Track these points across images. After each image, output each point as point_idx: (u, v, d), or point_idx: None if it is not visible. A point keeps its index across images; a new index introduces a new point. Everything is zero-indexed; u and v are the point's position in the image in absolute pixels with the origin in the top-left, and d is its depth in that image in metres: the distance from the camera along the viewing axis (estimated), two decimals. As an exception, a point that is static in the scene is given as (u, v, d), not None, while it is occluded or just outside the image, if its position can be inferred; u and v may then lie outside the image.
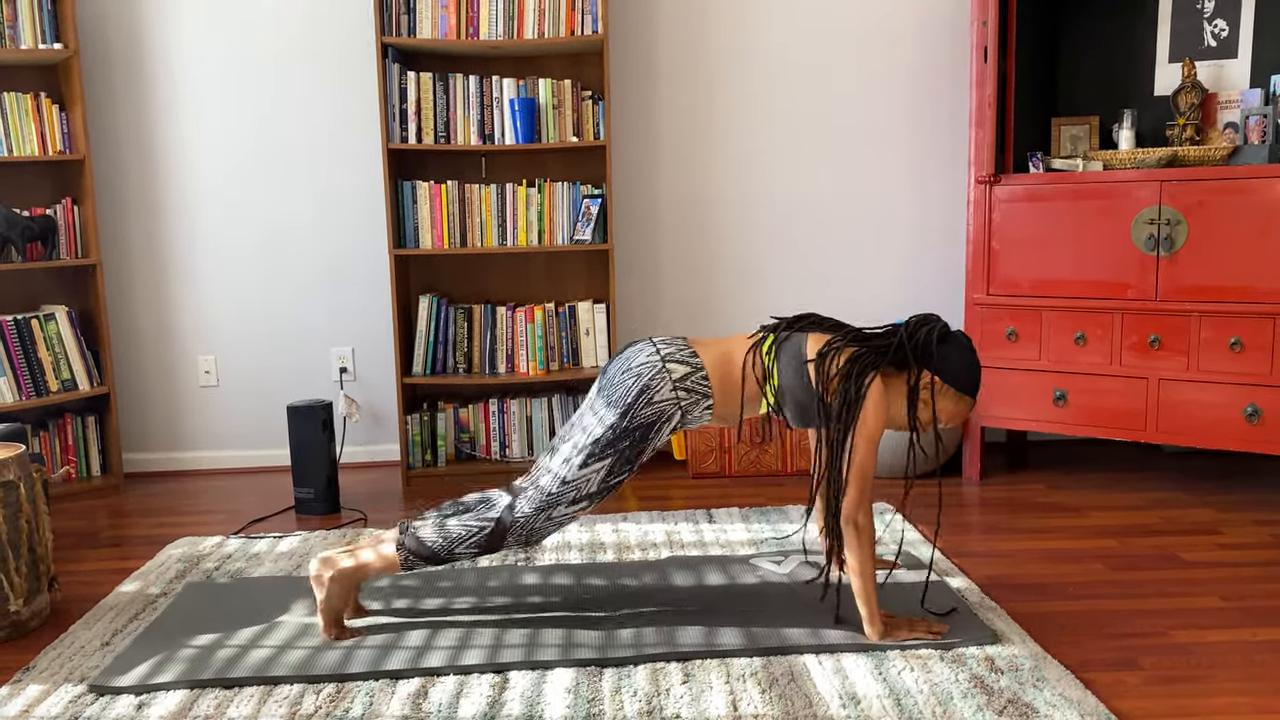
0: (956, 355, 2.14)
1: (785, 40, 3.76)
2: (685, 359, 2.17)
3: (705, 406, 2.19)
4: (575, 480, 2.15)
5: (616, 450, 2.14)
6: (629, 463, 2.16)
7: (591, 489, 2.16)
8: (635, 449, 2.15)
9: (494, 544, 2.18)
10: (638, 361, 2.17)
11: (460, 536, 2.16)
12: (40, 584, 2.41)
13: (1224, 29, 3.31)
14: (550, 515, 2.17)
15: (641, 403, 2.13)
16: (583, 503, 2.17)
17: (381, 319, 3.82)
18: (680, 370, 2.16)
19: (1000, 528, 2.97)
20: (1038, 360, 3.26)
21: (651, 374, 2.15)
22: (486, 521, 2.17)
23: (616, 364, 2.21)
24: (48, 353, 3.49)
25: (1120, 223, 3.09)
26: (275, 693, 2.02)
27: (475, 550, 2.17)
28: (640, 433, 2.14)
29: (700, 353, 2.20)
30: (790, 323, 2.24)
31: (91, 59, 3.66)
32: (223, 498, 3.51)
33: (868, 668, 2.05)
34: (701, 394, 2.17)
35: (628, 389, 2.14)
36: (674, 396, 2.15)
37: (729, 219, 3.84)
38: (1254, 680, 2.01)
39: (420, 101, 3.52)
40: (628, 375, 2.16)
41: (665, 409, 2.14)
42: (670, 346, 2.19)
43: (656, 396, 2.14)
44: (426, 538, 2.17)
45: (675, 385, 2.15)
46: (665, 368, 2.15)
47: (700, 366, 2.18)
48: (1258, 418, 2.93)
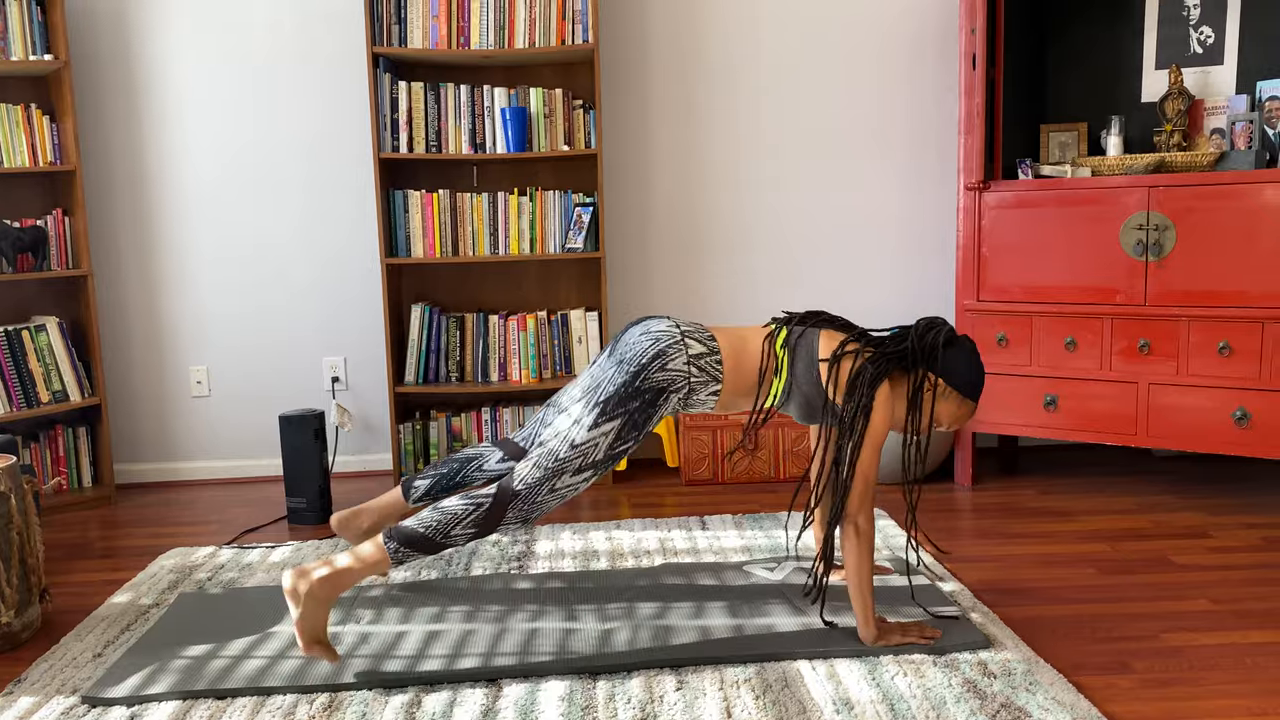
0: (962, 359, 2.16)
1: (776, 49, 3.78)
2: (703, 340, 2.18)
3: (712, 390, 2.19)
4: (584, 444, 2.10)
5: (626, 410, 2.11)
6: (637, 428, 2.13)
7: (599, 455, 2.11)
8: (644, 413, 2.13)
9: (492, 521, 2.09)
10: (657, 329, 2.17)
11: (455, 516, 2.07)
12: (31, 595, 2.40)
13: (1210, 36, 3.34)
14: (554, 485, 2.10)
15: (655, 366, 2.12)
16: (588, 472, 2.12)
17: (373, 328, 3.82)
18: (697, 348, 2.17)
19: (992, 532, 2.98)
20: (1028, 365, 3.28)
21: (669, 341, 2.15)
22: (483, 497, 2.09)
23: (635, 329, 2.20)
24: (39, 364, 3.48)
25: (1109, 228, 3.11)
26: (268, 703, 2.01)
27: (472, 530, 2.08)
28: (650, 395, 2.12)
29: (717, 337, 2.21)
30: (803, 318, 2.25)
31: (82, 70, 3.66)
32: (215, 508, 3.50)
33: (861, 673, 2.05)
34: (712, 376, 2.18)
35: (644, 350, 2.14)
36: (685, 369, 2.14)
37: (720, 226, 3.85)
38: (1245, 682, 2.02)
39: (411, 111, 3.53)
40: (645, 337, 2.16)
41: (675, 378, 2.14)
42: (690, 326, 2.21)
43: (670, 364, 2.13)
44: (421, 520, 2.08)
45: (690, 360, 2.15)
46: (683, 340, 2.16)
47: (716, 350, 2.18)
48: (1246, 421, 2.95)
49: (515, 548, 2.91)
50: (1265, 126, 3.18)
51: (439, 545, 2.09)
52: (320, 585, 2.04)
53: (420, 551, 2.08)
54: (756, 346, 2.22)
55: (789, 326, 2.24)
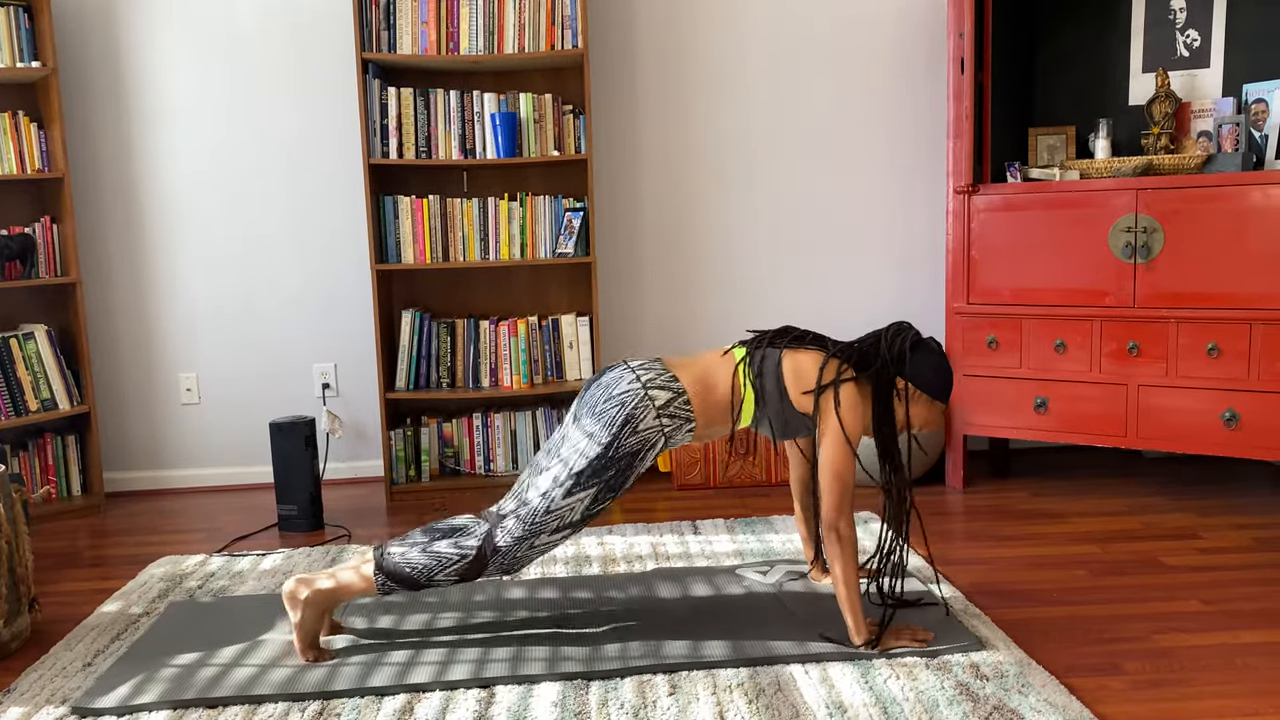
0: (929, 361, 2.17)
1: (765, 54, 3.78)
2: (666, 384, 2.16)
3: (688, 430, 2.18)
4: (559, 509, 2.13)
5: (601, 480, 2.13)
6: (613, 490, 2.15)
7: (575, 517, 2.14)
8: (619, 478, 2.14)
9: (474, 572, 2.14)
10: (619, 390, 2.15)
11: (439, 563, 2.13)
12: (21, 605, 2.39)
13: (1196, 39, 3.36)
14: (533, 544, 2.14)
15: (626, 432, 2.12)
16: (565, 531, 2.14)
17: (364, 334, 3.81)
18: (663, 396, 2.15)
19: (983, 535, 2.99)
20: (1018, 368, 3.28)
21: (635, 403, 2.13)
22: (467, 550, 2.13)
23: (597, 392, 2.18)
24: (27, 372, 3.47)
25: (1098, 231, 3.12)
26: (259, 712, 2.00)
27: (455, 578, 2.15)
28: (625, 461, 2.13)
29: (679, 375, 2.19)
30: (769, 339, 2.24)
31: (70, 77, 3.65)
32: (205, 516, 3.48)
33: (854, 676, 2.05)
34: (684, 419, 2.17)
35: (611, 418, 2.12)
36: (658, 424, 2.14)
37: (711, 231, 3.86)
38: (1236, 683, 2.03)
39: (401, 116, 3.53)
40: (610, 404, 2.14)
41: (649, 437, 2.14)
42: (650, 372, 2.17)
43: (641, 425, 2.12)
44: (409, 561, 2.14)
45: (659, 413, 2.14)
46: (648, 395, 2.14)
47: (681, 391, 2.16)
48: (1236, 422, 2.96)
49: (507, 553, 2.91)
50: (1251, 129, 3.20)
51: (422, 585, 2.16)
52: (318, 595, 2.16)
53: (404, 587, 2.16)
54: (721, 377, 2.20)
55: (751, 350, 2.22)
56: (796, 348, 2.21)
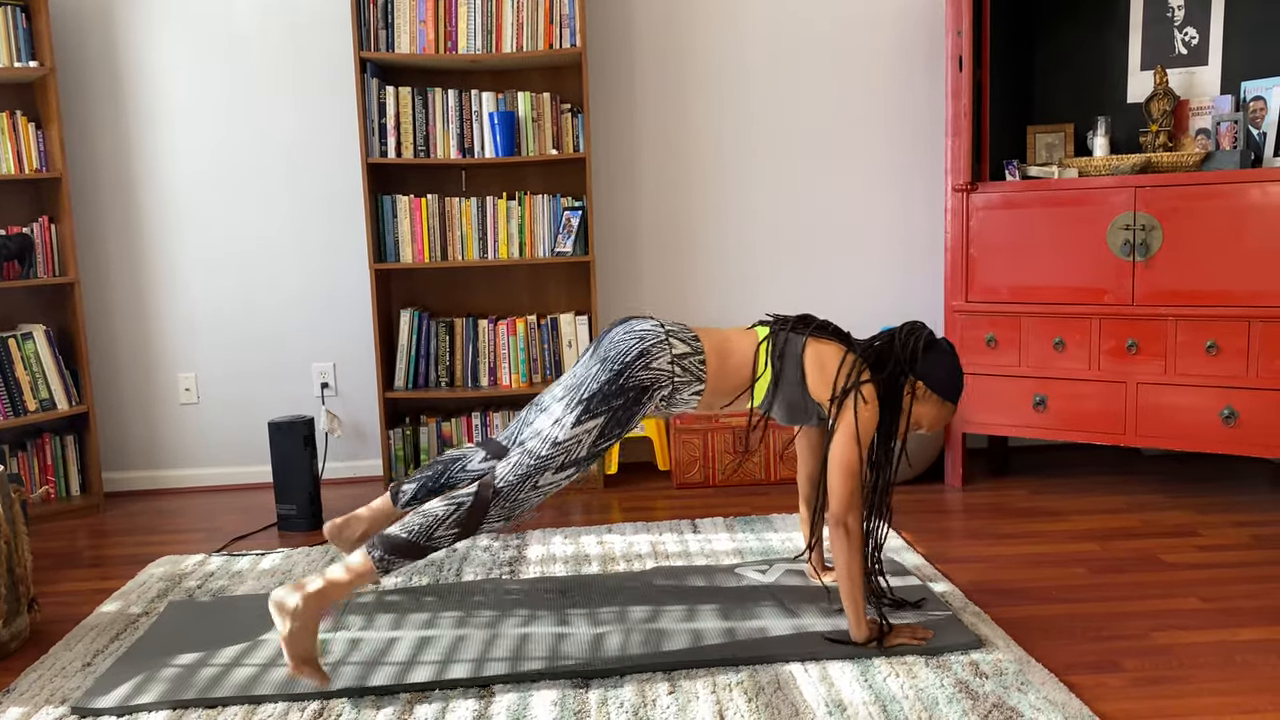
0: (942, 362, 2.18)
1: (763, 52, 3.78)
2: (687, 340, 2.19)
3: (695, 390, 2.19)
4: (566, 441, 2.09)
5: (610, 408, 2.10)
6: (620, 425, 2.12)
7: (581, 452, 2.10)
8: (627, 411, 2.12)
9: (475, 520, 2.05)
10: (641, 328, 2.18)
11: (437, 518, 2.04)
12: (20, 605, 2.39)
13: (1194, 37, 3.36)
14: (536, 482, 2.08)
15: (639, 365, 2.12)
16: (570, 469, 2.10)
17: (362, 333, 3.81)
18: (681, 348, 2.17)
19: (983, 533, 2.99)
20: (1017, 366, 3.29)
21: (653, 340, 2.15)
22: (464, 497, 2.06)
23: (619, 329, 2.20)
24: (25, 372, 3.46)
25: (1096, 229, 3.12)
26: (259, 711, 2.00)
27: (455, 530, 2.04)
28: (634, 393, 2.12)
29: (701, 338, 2.21)
30: (791, 324, 2.24)
31: (68, 77, 3.64)
32: (204, 515, 3.48)
33: (853, 675, 2.06)
34: (695, 376, 2.18)
35: (628, 348, 2.13)
36: (670, 369, 2.14)
37: (709, 229, 3.86)
38: (1235, 680, 2.03)
39: (399, 116, 3.52)
40: (629, 336, 2.16)
41: (659, 377, 2.13)
42: (675, 326, 2.21)
43: (654, 362, 2.13)
44: (402, 528, 2.04)
45: (674, 359, 2.15)
46: (668, 340, 2.16)
47: (700, 350, 2.19)
48: (1234, 420, 2.96)
49: (506, 553, 2.91)
50: (1250, 126, 3.20)
51: (424, 549, 2.04)
52: (308, 600, 1.99)
53: (406, 557, 2.04)
54: (740, 348, 2.22)
55: (775, 330, 2.24)
56: (820, 337, 2.22)
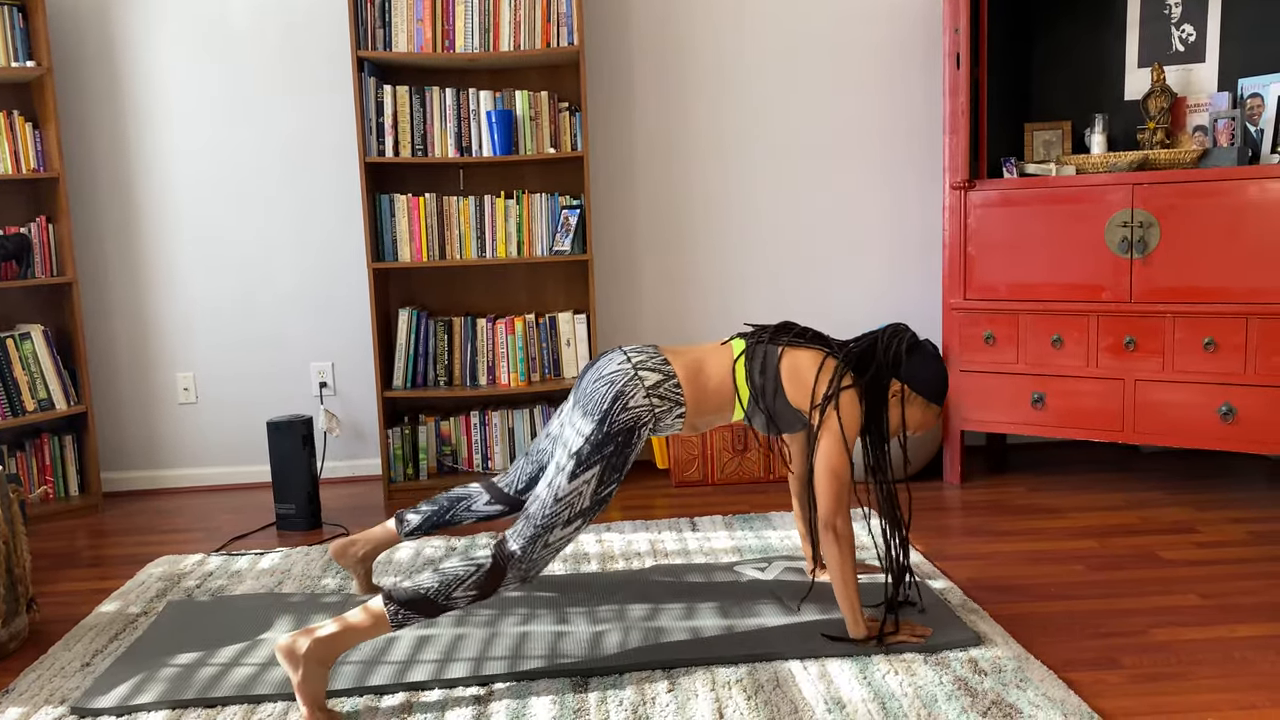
0: (926, 364, 2.18)
1: (761, 51, 3.78)
2: (657, 366, 2.17)
3: (677, 414, 2.19)
4: (567, 496, 2.09)
5: (602, 456, 2.11)
6: (616, 470, 2.13)
7: (584, 503, 2.10)
8: (619, 455, 2.13)
9: (492, 583, 2.05)
10: (609, 370, 2.16)
11: (457, 578, 2.03)
12: (19, 605, 2.39)
13: (1191, 34, 3.36)
14: (547, 541, 2.08)
15: (617, 408, 2.12)
16: (577, 521, 2.11)
17: (361, 333, 3.81)
18: (653, 377, 2.16)
19: (981, 530, 2.99)
20: (1015, 363, 3.29)
21: (624, 381, 2.14)
22: (480, 560, 2.06)
23: (589, 375, 2.20)
24: (23, 372, 3.46)
25: (1094, 226, 3.13)
26: (258, 711, 2.00)
27: (473, 593, 2.02)
28: (622, 438, 2.12)
29: (672, 360, 2.20)
30: (768, 335, 2.24)
31: (65, 76, 3.64)
32: (203, 515, 3.48)
33: (852, 672, 2.06)
34: (674, 401, 2.17)
35: (602, 396, 2.13)
36: (647, 403, 2.14)
37: (707, 228, 3.86)
38: (1233, 676, 2.03)
39: (397, 114, 3.52)
40: (600, 383, 2.15)
41: (640, 415, 2.14)
42: (641, 354, 2.19)
43: (631, 401, 2.13)
44: (419, 584, 2.02)
45: (648, 392, 2.14)
46: (637, 375, 2.15)
47: (672, 374, 2.18)
48: (1232, 417, 2.96)
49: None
50: (1247, 123, 3.20)
51: (440, 608, 2.03)
52: (318, 645, 1.95)
53: (421, 615, 2.02)
54: (715, 366, 2.21)
55: (751, 345, 2.23)
56: (797, 345, 2.21)
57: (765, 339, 2.23)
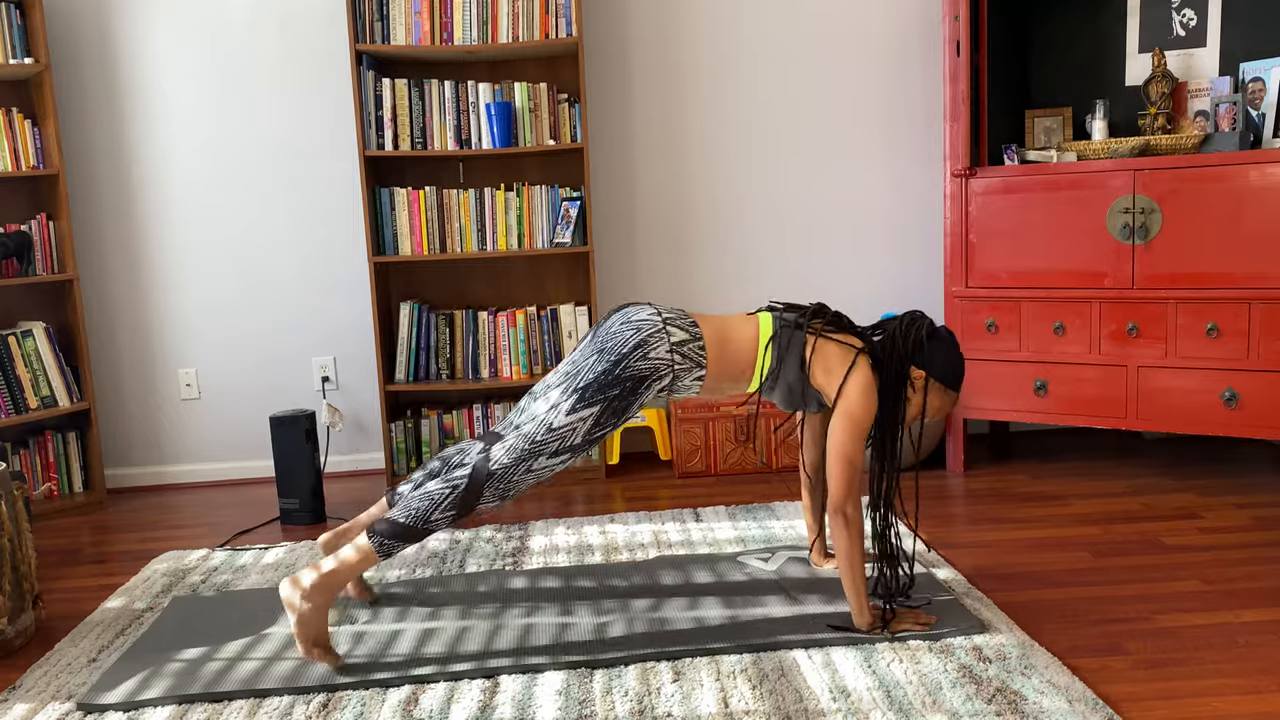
0: (943, 351, 2.18)
1: (760, 39, 3.77)
2: (685, 327, 2.18)
3: (696, 376, 2.19)
4: (561, 428, 2.10)
5: (606, 398, 2.10)
6: (616, 415, 2.12)
7: (576, 439, 2.11)
8: (624, 401, 2.12)
9: (470, 500, 2.08)
10: (639, 317, 2.17)
11: (433, 501, 2.07)
12: (24, 602, 2.39)
13: (1192, 18, 3.35)
14: (530, 466, 2.10)
15: (637, 355, 2.12)
16: (564, 455, 2.12)
17: (363, 327, 3.81)
18: (679, 335, 2.16)
19: (984, 518, 2.99)
20: (1018, 351, 3.28)
21: (651, 330, 2.14)
22: (459, 479, 2.09)
23: (616, 317, 2.20)
24: (26, 370, 3.46)
25: (1095, 212, 3.12)
26: (265, 705, 2.01)
27: (452, 512, 2.08)
28: (631, 384, 2.12)
29: (700, 324, 2.21)
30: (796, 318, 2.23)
31: (63, 73, 3.63)
32: (207, 510, 3.49)
33: (857, 661, 2.06)
34: (695, 362, 2.18)
35: (625, 339, 2.13)
36: (669, 357, 2.14)
37: (707, 219, 3.85)
38: (1238, 661, 2.03)
39: (396, 108, 3.52)
40: (627, 327, 2.15)
41: (659, 366, 2.13)
42: (671, 313, 2.20)
43: (652, 352, 2.13)
44: (397, 514, 2.08)
45: (673, 347, 2.15)
46: (665, 328, 2.15)
47: (699, 336, 2.18)
48: (1235, 402, 2.96)
49: (509, 544, 2.91)
50: (1249, 108, 3.19)
51: (421, 532, 2.08)
52: (314, 590, 2.05)
53: (405, 540, 2.08)
54: (741, 334, 2.22)
55: (776, 316, 2.24)
56: (827, 336, 2.20)
57: (798, 322, 2.22)
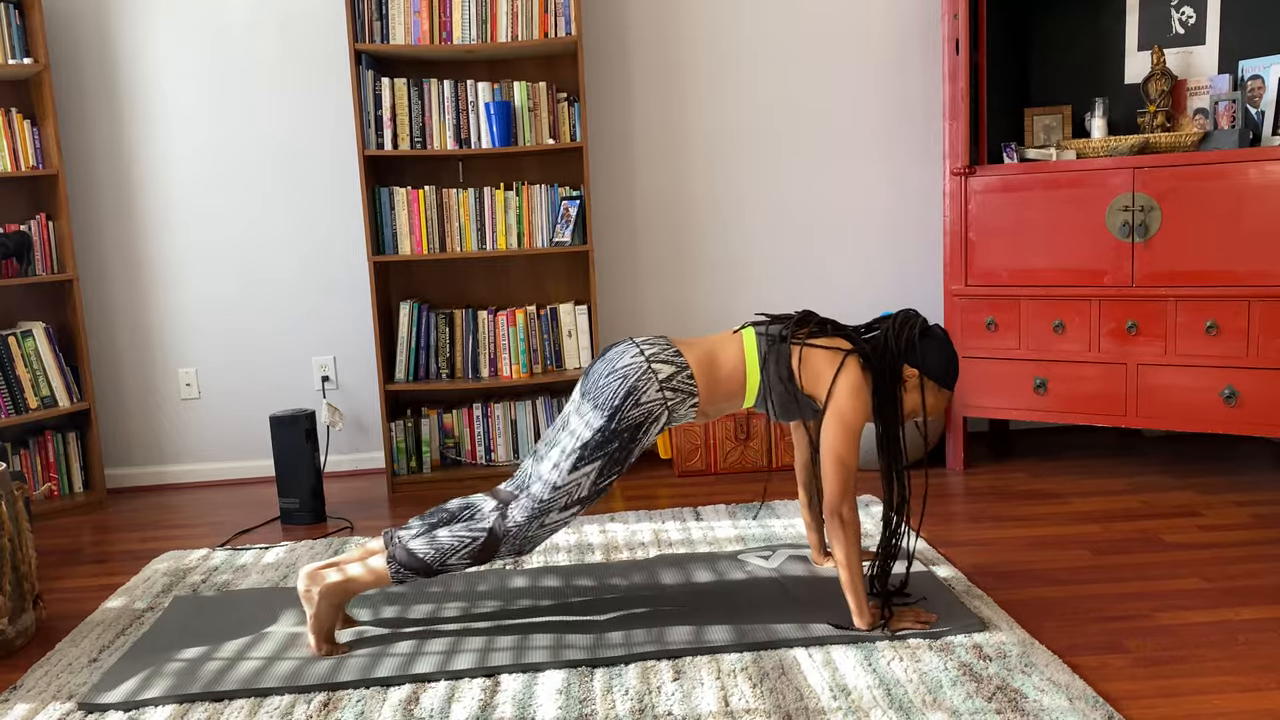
0: (937, 349, 2.18)
1: (759, 38, 3.77)
2: (670, 359, 2.17)
3: (691, 405, 2.19)
4: (566, 485, 2.14)
5: (605, 453, 2.14)
6: (618, 464, 2.16)
7: (583, 493, 2.15)
8: (624, 450, 2.15)
9: (487, 554, 2.16)
10: (622, 363, 2.17)
11: (452, 547, 2.15)
12: (25, 602, 2.39)
13: (1191, 16, 3.35)
14: (543, 522, 2.16)
15: (629, 404, 2.13)
16: (574, 507, 2.16)
17: (362, 326, 3.81)
18: (666, 370, 2.16)
19: (984, 516, 2.99)
20: (1017, 349, 3.28)
21: (638, 375, 2.14)
22: (478, 532, 2.15)
23: (601, 366, 2.20)
24: (26, 370, 3.46)
25: (1095, 210, 3.12)
26: (265, 704, 2.01)
27: (467, 561, 2.16)
28: (628, 434, 2.14)
29: (684, 352, 2.20)
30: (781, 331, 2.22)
31: (62, 73, 3.63)
32: (207, 510, 3.49)
33: (857, 659, 2.06)
34: (687, 392, 2.18)
35: (614, 391, 2.14)
36: (660, 397, 2.15)
37: (707, 218, 3.85)
38: (1238, 659, 2.03)
39: (395, 107, 3.51)
40: (613, 378, 2.16)
41: (653, 409, 2.15)
42: (654, 347, 2.19)
43: (644, 397, 2.14)
44: (417, 549, 2.15)
45: (662, 385, 2.15)
46: (651, 368, 2.15)
47: (685, 365, 2.18)
48: (1235, 399, 2.96)
49: (510, 543, 2.91)
50: (1248, 105, 3.19)
51: (436, 570, 2.16)
52: (332, 590, 2.16)
53: (419, 574, 2.17)
54: (726, 355, 2.22)
55: (762, 339, 2.22)
56: (813, 343, 2.19)
57: (778, 339, 2.21)
